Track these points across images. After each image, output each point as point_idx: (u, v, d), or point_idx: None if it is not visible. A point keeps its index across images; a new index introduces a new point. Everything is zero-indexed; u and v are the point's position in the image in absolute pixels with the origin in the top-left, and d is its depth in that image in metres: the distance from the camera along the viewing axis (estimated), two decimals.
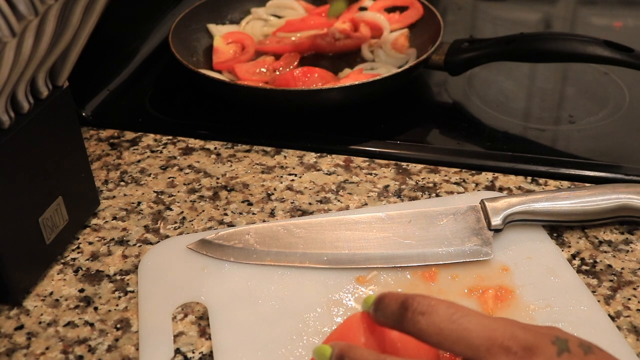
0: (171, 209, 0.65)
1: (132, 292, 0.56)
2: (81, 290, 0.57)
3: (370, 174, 0.69)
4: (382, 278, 0.56)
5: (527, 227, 0.60)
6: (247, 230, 0.60)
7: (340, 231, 0.59)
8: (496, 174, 0.68)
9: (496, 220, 0.58)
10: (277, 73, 0.82)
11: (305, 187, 0.67)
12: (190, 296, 0.55)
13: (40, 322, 0.54)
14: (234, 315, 0.53)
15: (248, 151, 0.72)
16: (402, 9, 0.92)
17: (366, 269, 0.56)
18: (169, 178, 0.69)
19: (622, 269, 0.57)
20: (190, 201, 0.66)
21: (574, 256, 0.58)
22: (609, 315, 0.53)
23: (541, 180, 0.67)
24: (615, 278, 0.56)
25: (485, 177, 0.68)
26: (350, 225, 0.59)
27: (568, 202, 0.59)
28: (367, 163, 0.70)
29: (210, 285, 0.56)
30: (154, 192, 0.67)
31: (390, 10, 0.93)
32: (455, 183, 0.67)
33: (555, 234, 0.61)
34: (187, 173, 0.69)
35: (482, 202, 0.60)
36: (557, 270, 0.56)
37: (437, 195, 0.65)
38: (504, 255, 0.57)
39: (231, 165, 0.70)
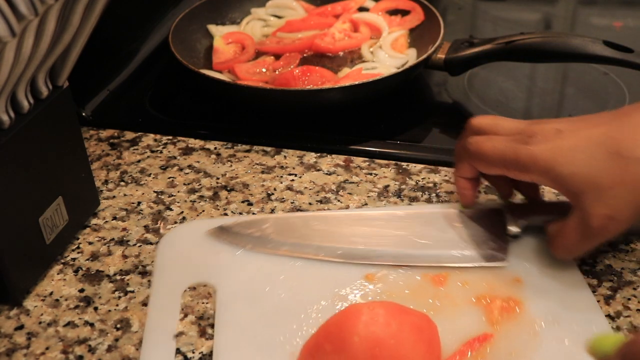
0: (171, 209, 0.65)
1: (132, 292, 0.56)
2: (81, 290, 0.57)
3: (370, 174, 0.69)
4: (392, 277, 0.55)
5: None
6: (265, 220, 0.61)
7: (357, 227, 0.59)
8: None
9: (514, 227, 0.57)
10: (277, 73, 0.82)
11: (305, 187, 0.67)
12: (202, 278, 0.56)
13: (40, 322, 0.54)
14: (240, 299, 0.54)
15: (248, 151, 0.72)
16: (403, 12, 0.92)
17: (377, 266, 0.56)
18: (169, 178, 0.69)
19: (622, 269, 0.57)
20: (190, 201, 0.66)
21: None
22: (609, 315, 0.53)
23: None
24: (615, 278, 0.56)
25: None
26: (367, 222, 0.60)
27: None
28: (367, 163, 0.70)
29: (222, 269, 0.57)
30: (154, 192, 0.67)
31: (393, 13, 0.93)
32: None
33: None
34: (187, 173, 0.69)
35: (503, 206, 0.59)
36: (571, 286, 0.54)
37: (437, 195, 0.65)
38: (518, 265, 0.56)
39: (231, 165, 0.70)
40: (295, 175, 0.69)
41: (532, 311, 0.52)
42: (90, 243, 0.61)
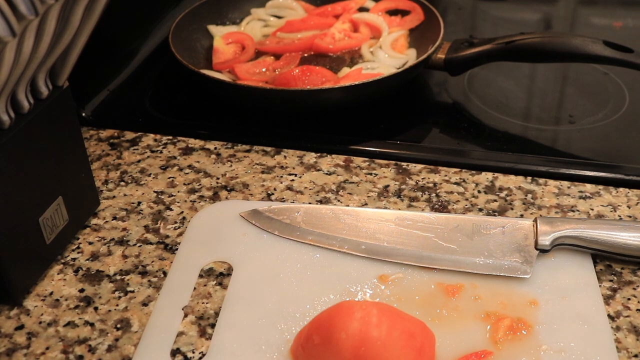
0: (171, 209, 0.65)
1: (132, 292, 0.56)
2: (81, 290, 0.57)
3: (370, 174, 0.69)
4: (405, 282, 0.55)
5: (577, 258, 0.57)
6: (297, 208, 0.62)
7: (385, 225, 0.60)
8: (496, 174, 0.68)
9: (544, 240, 0.56)
10: (277, 73, 0.82)
11: (305, 187, 0.67)
12: (223, 255, 0.58)
13: (40, 322, 0.54)
14: (253, 280, 0.56)
15: (248, 151, 0.72)
16: (403, 12, 0.92)
17: (394, 267, 0.56)
18: (169, 178, 0.69)
19: (622, 269, 0.57)
20: (190, 201, 0.66)
21: None
22: (609, 315, 0.53)
23: (541, 180, 0.67)
24: (615, 278, 0.56)
25: (485, 177, 0.68)
26: (396, 221, 0.60)
27: (627, 234, 0.56)
28: (367, 163, 0.70)
29: (244, 250, 0.59)
30: (154, 192, 0.67)
31: (392, 13, 0.93)
32: (455, 183, 0.67)
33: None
34: (187, 173, 0.69)
35: (535, 219, 0.58)
36: (589, 317, 0.52)
37: (437, 195, 0.65)
38: (539, 288, 0.54)
39: (231, 165, 0.70)
40: (295, 175, 0.69)
41: (540, 336, 0.51)
42: (90, 243, 0.61)
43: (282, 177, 0.69)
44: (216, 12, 0.93)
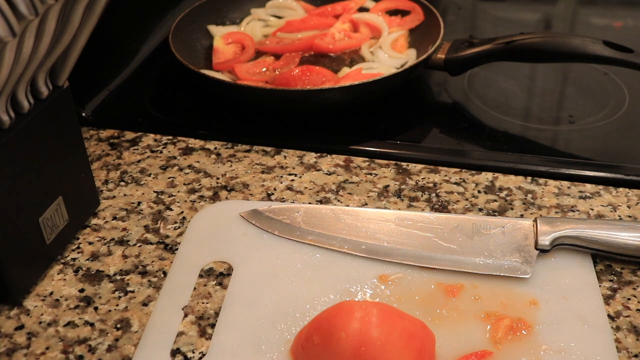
0: (171, 209, 0.65)
1: (132, 292, 0.56)
2: (81, 290, 0.57)
3: (370, 174, 0.69)
4: (405, 282, 0.55)
5: (577, 258, 0.57)
6: (297, 208, 0.62)
7: (385, 225, 0.60)
8: (496, 174, 0.68)
9: (544, 240, 0.56)
10: (277, 73, 0.82)
11: (305, 187, 0.67)
12: (223, 255, 0.58)
13: (40, 322, 0.54)
14: (254, 280, 0.56)
15: (248, 151, 0.72)
16: (403, 12, 0.92)
17: (394, 267, 0.56)
18: (169, 178, 0.69)
19: (622, 269, 0.57)
20: (190, 201, 0.66)
21: None
22: (609, 315, 0.53)
23: (541, 180, 0.67)
24: (615, 278, 0.56)
25: (485, 177, 0.68)
26: (396, 221, 0.60)
27: (627, 234, 0.56)
28: (367, 163, 0.70)
29: (244, 250, 0.59)
30: (154, 192, 0.67)
31: (392, 13, 0.93)
32: (455, 183, 0.67)
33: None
34: (187, 173, 0.69)
35: (535, 220, 0.58)
36: (589, 317, 0.52)
37: (437, 195, 0.65)
38: (539, 288, 0.54)
39: (231, 165, 0.70)
40: (295, 175, 0.69)
41: (540, 336, 0.50)
42: (90, 243, 0.61)
43: (282, 177, 0.69)
44: (216, 12, 0.93)
